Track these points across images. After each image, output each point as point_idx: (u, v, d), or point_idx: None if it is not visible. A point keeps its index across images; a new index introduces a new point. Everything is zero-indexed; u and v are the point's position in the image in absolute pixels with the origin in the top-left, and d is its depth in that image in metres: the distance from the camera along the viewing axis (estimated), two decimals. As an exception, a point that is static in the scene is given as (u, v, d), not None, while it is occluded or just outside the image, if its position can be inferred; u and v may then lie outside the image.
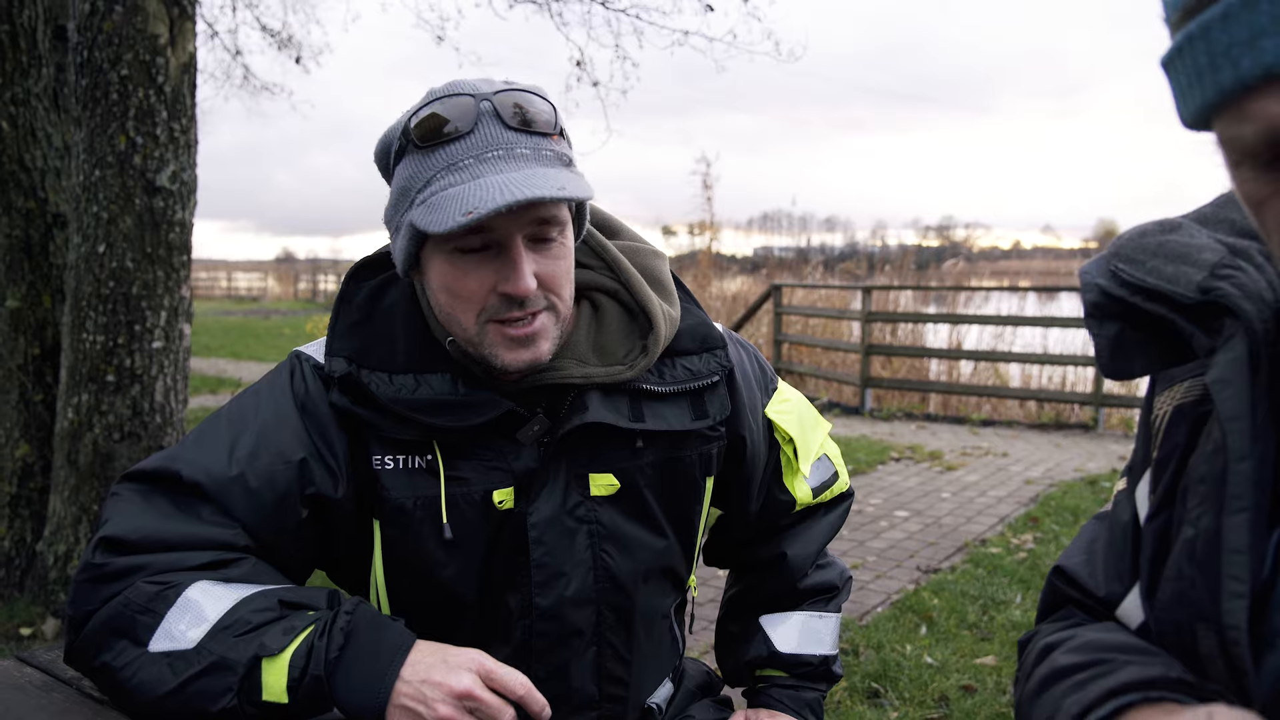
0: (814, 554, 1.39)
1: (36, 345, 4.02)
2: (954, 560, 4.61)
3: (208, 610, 0.98)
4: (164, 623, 0.97)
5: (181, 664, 0.95)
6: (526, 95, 1.05)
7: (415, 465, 1.10)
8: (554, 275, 1.06)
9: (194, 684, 0.94)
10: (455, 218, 0.95)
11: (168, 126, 3.70)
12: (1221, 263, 0.73)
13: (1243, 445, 0.67)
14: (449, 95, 1.03)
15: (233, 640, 0.96)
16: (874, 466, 6.81)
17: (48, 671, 1.11)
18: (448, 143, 1.01)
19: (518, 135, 1.02)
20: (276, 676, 0.95)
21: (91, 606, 1.00)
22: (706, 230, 15.09)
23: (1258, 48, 0.53)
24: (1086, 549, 0.94)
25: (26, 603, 3.78)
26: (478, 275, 1.04)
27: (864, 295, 9.86)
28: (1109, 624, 0.87)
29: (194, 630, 0.97)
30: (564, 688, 1.16)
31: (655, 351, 1.15)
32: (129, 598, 0.98)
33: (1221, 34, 0.55)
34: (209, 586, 1.00)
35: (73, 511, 3.75)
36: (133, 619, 0.98)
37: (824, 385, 10.66)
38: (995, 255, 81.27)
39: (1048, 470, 6.71)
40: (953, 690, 3.14)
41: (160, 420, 3.83)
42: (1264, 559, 0.66)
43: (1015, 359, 9.47)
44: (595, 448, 1.14)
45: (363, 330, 1.13)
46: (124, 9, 3.58)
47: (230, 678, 0.94)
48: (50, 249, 4.00)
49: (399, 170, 1.06)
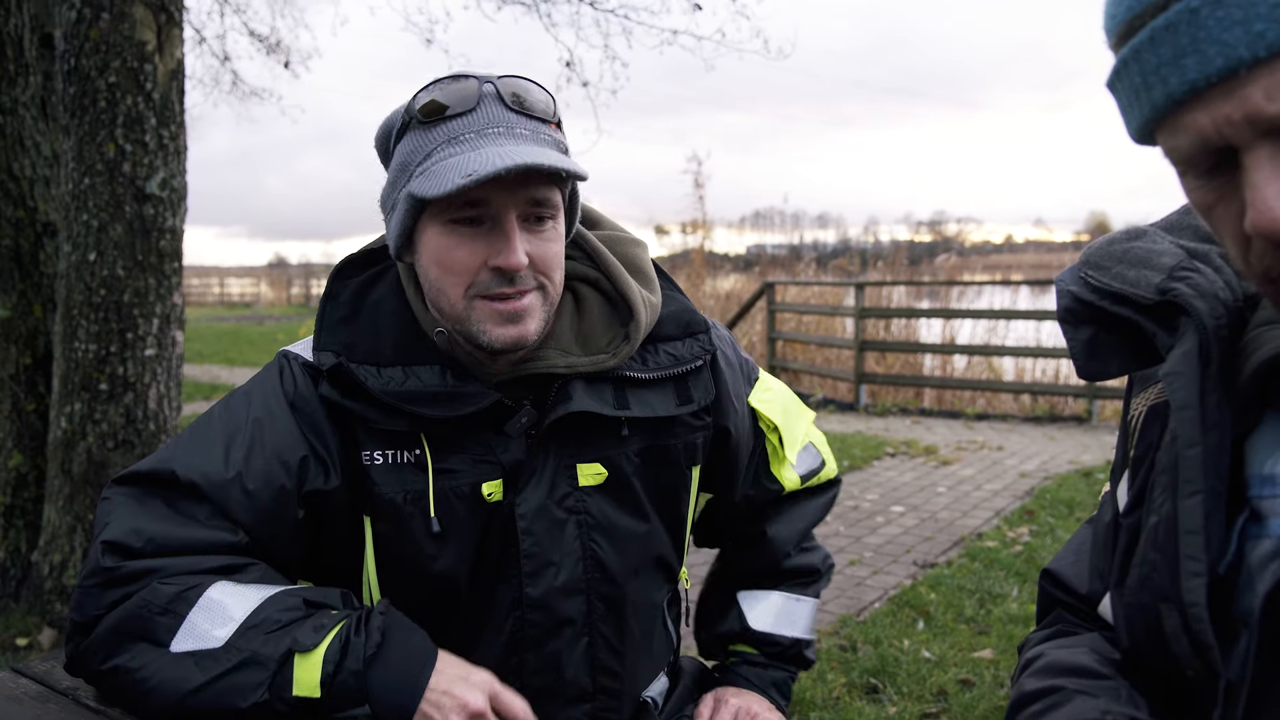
0: (798, 535, 1.41)
1: (28, 355, 4.00)
2: (950, 555, 4.62)
3: (234, 610, 0.99)
4: (186, 623, 0.98)
5: (209, 662, 0.96)
6: (527, 83, 1.09)
7: (404, 460, 1.11)
8: (545, 256, 1.07)
9: (222, 681, 0.95)
10: (454, 180, 0.97)
11: (157, 133, 3.69)
12: (1179, 265, 0.78)
13: (1193, 432, 0.71)
14: (452, 79, 1.07)
15: (264, 637, 0.97)
16: (869, 462, 6.82)
17: (43, 682, 1.11)
18: (450, 119, 1.04)
19: (518, 117, 1.06)
20: (309, 672, 0.96)
21: (99, 611, 1.00)
22: (699, 229, 15.08)
23: (1181, 66, 0.59)
24: (1076, 551, 0.99)
25: (22, 613, 3.77)
26: (470, 248, 1.05)
27: (857, 291, 9.87)
28: (1082, 638, 0.91)
29: (221, 629, 0.98)
30: (556, 678, 1.17)
31: (637, 339, 1.17)
32: (146, 599, 0.99)
33: (1151, 55, 0.61)
34: (230, 587, 1.02)
35: (67, 521, 3.74)
36: (152, 620, 0.98)
37: (818, 382, 10.67)
38: (987, 249, 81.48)
39: (1042, 463, 6.73)
40: (951, 684, 3.14)
41: (154, 428, 3.82)
42: (1225, 543, 0.70)
43: (1009, 353, 9.50)
44: (582, 437, 1.15)
45: (350, 325, 1.14)
46: (111, 16, 3.57)
47: (262, 673, 0.95)
48: (40, 258, 3.99)
49: (399, 148, 1.08)
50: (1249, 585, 0.69)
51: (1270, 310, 0.73)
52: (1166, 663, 0.75)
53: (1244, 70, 0.57)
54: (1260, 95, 0.57)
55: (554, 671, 1.17)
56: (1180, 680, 0.74)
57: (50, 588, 3.74)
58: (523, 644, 1.16)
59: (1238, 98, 0.58)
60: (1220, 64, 0.57)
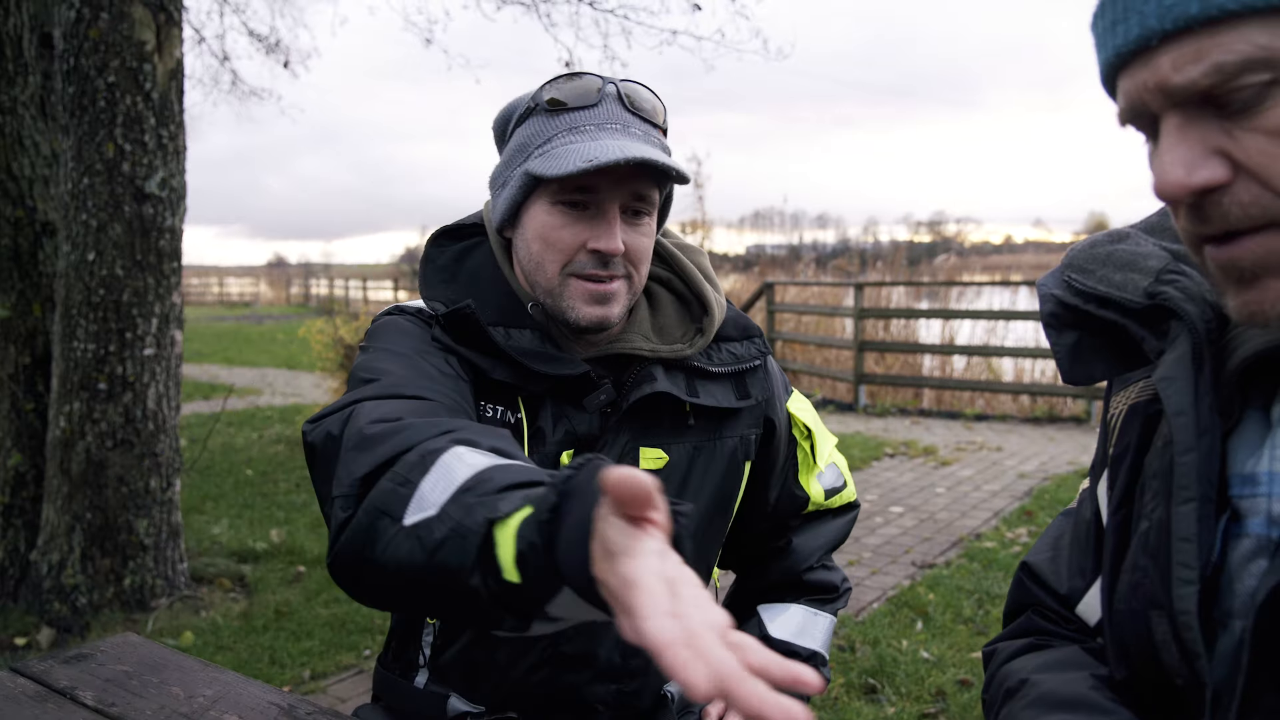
0: (820, 549, 1.43)
1: (27, 354, 4.00)
2: (949, 555, 4.62)
3: (458, 474, 0.82)
4: (419, 491, 0.83)
5: (426, 532, 0.79)
6: (642, 88, 1.17)
7: (507, 419, 1.15)
8: (638, 248, 1.15)
9: (438, 554, 0.77)
10: (576, 163, 1.04)
11: (156, 133, 3.69)
12: (1166, 268, 0.78)
13: (1188, 438, 0.71)
14: (578, 75, 1.15)
15: (472, 502, 0.78)
16: (869, 463, 6.82)
17: (41, 682, 1.11)
18: (573, 110, 1.12)
19: (634, 118, 1.14)
20: (506, 548, 0.74)
21: (361, 472, 0.88)
22: (698, 229, 15.08)
23: (1115, 32, 0.63)
24: (1053, 545, 0.97)
25: (20, 612, 3.76)
26: (574, 229, 1.12)
27: (856, 292, 9.87)
28: (1067, 653, 0.87)
29: (441, 494, 0.81)
30: (591, 650, 1.20)
31: (711, 332, 1.25)
32: (395, 470, 0.86)
33: (1100, 20, 0.65)
34: (464, 452, 0.85)
35: (66, 520, 3.74)
36: (394, 492, 0.84)
37: (818, 382, 10.67)
38: (987, 250, 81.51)
39: (1041, 464, 6.73)
40: (949, 685, 3.15)
41: (153, 428, 3.82)
42: (1213, 547, 0.70)
43: (1008, 353, 9.49)
44: (650, 421, 1.21)
45: (452, 287, 1.19)
46: (110, 16, 3.57)
47: (467, 547, 0.75)
48: (40, 257, 3.99)
49: (519, 131, 1.16)
50: (1229, 585, 0.69)
51: None
52: (1156, 671, 0.74)
53: (1155, 41, 0.61)
54: (1168, 65, 0.61)
55: (589, 642, 1.20)
56: (1170, 689, 0.73)
57: (49, 587, 3.74)
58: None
59: (1151, 66, 0.62)
60: (1137, 33, 0.61)
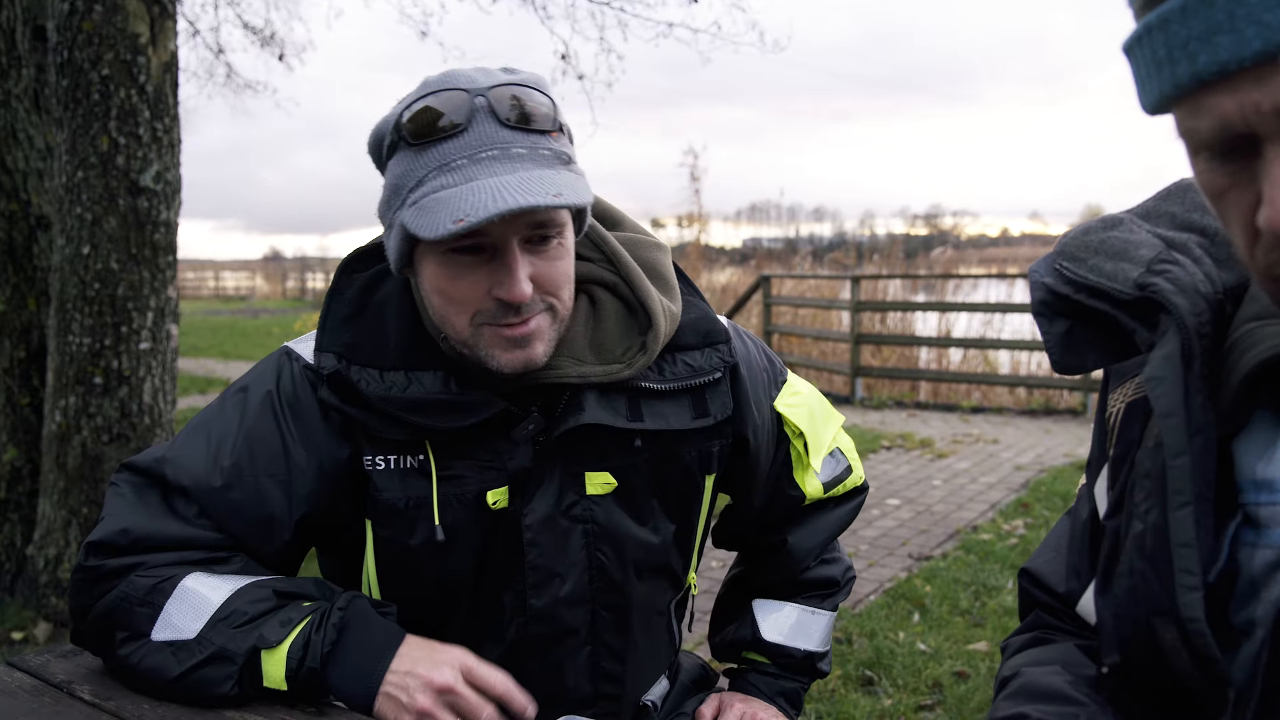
0: (819, 545, 1.36)
1: (22, 348, 3.99)
2: (946, 547, 4.63)
3: (205, 601, 1.03)
4: (163, 613, 1.03)
5: (184, 653, 1.01)
6: (525, 90, 1.01)
7: (407, 465, 1.09)
8: (551, 276, 1.03)
9: (197, 672, 1.00)
10: (446, 224, 0.92)
11: (150, 126, 3.68)
12: (1158, 258, 0.75)
13: (1179, 441, 0.68)
14: (443, 89, 1.00)
15: (231, 632, 1.01)
16: (865, 455, 6.82)
17: (38, 676, 1.11)
18: (440, 140, 0.98)
19: (514, 133, 0.99)
20: (275, 666, 1.01)
21: (89, 601, 1.05)
22: (695, 222, 15.07)
23: (1213, 44, 0.53)
24: (1055, 547, 0.96)
25: (17, 607, 3.76)
26: (471, 279, 1.01)
27: (853, 285, 9.87)
28: (1058, 649, 0.89)
29: (193, 622, 1.02)
30: (558, 686, 1.16)
31: (655, 349, 1.11)
32: (125, 592, 1.04)
33: (1180, 28, 0.55)
34: (204, 578, 1.05)
35: (62, 515, 3.73)
36: (131, 611, 1.03)
37: (814, 375, 10.68)
38: (983, 242, 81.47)
39: (1038, 456, 6.74)
40: (946, 676, 3.15)
41: (149, 421, 3.81)
42: (1215, 551, 0.67)
43: (1004, 346, 9.50)
44: (592, 446, 1.11)
45: (354, 324, 1.11)
46: (104, 8, 3.55)
47: (231, 667, 1.00)
48: (34, 251, 3.97)
49: (391, 165, 1.03)
50: (1252, 594, 0.67)
51: (1258, 304, 0.70)
52: (1163, 675, 0.72)
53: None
54: None
55: (555, 679, 1.16)
56: (1176, 690, 0.72)
57: (45, 581, 3.73)
58: (525, 652, 1.14)
59: (1270, 85, 0.52)
60: (1257, 46, 0.51)
